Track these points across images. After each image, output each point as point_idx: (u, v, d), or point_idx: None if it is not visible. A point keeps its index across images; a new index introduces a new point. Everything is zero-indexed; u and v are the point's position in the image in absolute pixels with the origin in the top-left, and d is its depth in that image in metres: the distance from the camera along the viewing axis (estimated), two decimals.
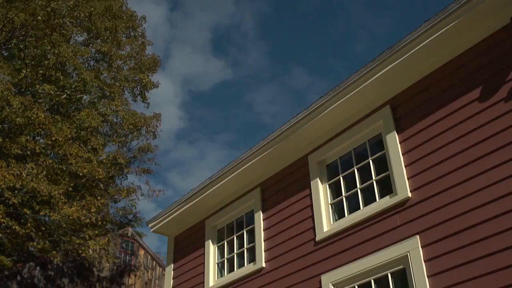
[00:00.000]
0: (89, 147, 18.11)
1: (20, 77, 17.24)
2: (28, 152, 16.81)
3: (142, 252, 23.19)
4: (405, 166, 6.33)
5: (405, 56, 6.37)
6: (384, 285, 6.10)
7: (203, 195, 9.03)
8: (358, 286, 6.38)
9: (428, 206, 5.88)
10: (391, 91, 6.80)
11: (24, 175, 15.40)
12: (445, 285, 5.38)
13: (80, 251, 17.76)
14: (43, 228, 18.43)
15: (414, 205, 6.04)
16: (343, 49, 63.57)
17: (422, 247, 5.75)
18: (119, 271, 22.09)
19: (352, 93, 6.91)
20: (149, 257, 23.34)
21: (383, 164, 6.74)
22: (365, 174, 6.98)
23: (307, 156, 7.78)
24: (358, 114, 7.16)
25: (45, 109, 17.49)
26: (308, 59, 63.97)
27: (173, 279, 9.81)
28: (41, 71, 17.99)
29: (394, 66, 6.50)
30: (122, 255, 22.40)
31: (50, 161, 16.76)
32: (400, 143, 6.50)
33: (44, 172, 16.12)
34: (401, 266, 5.94)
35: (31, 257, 20.81)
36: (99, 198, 17.93)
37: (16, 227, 16.08)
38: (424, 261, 5.67)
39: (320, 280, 6.76)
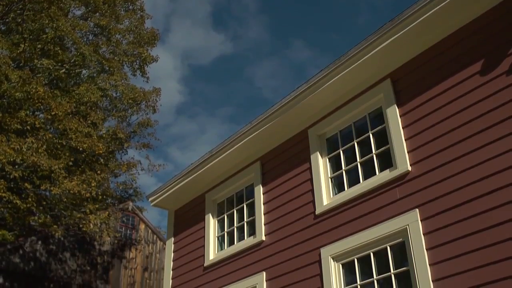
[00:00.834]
0: (89, 121, 18.07)
1: (18, 51, 17.11)
2: (28, 127, 16.79)
3: (142, 226, 23.34)
4: (405, 140, 6.31)
5: (406, 29, 6.31)
6: (383, 258, 6.14)
7: (203, 169, 9.04)
8: (357, 259, 6.42)
9: (428, 179, 5.89)
10: (391, 65, 6.75)
11: (25, 150, 15.41)
12: (444, 258, 5.41)
13: (81, 225, 17.87)
14: (44, 203, 18.52)
15: (414, 179, 6.04)
16: (344, 23, 63.10)
17: (421, 220, 5.77)
18: (120, 245, 22.26)
19: (353, 66, 6.87)
20: (149, 231, 23.50)
21: (383, 138, 6.73)
22: (365, 147, 6.97)
23: (307, 129, 7.76)
24: (359, 88, 7.12)
25: (44, 83, 17.40)
26: (309, 33, 63.54)
27: (173, 252, 9.88)
28: (39, 46, 17.85)
29: (395, 39, 6.44)
30: (123, 229, 22.55)
31: (50, 135, 16.75)
32: (400, 116, 6.48)
33: (44, 147, 16.13)
34: (400, 239, 5.97)
35: (32, 231, 20.97)
36: (99, 172, 17.96)
37: (17, 201, 16.16)
38: (423, 234, 5.70)
39: (320, 253, 6.80)
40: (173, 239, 10.03)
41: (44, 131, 16.93)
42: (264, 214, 8.02)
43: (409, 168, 6.10)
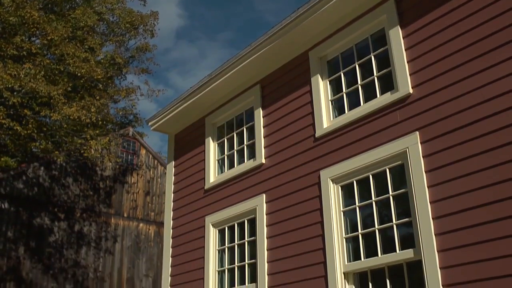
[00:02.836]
0: (86, 46, 17.84)
1: None
2: (24, 53, 16.60)
3: (143, 151, 23.52)
4: (407, 62, 6.20)
5: None
6: (382, 180, 6.18)
7: (203, 92, 8.96)
8: (356, 181, 6.47)
9: (429, 102, 5.83)
10: None
11: (22, 76, 15.31)
12: (443, 180, 5.44)
13: (82, 151, 18.01)
14: (45, 129, 18.60)
15: (415, 101, 5.98)
16: None
17: (421, 143, 5.76)
18: (122, 170, 22.52)
19: None
20: (150, 156, 23.70)
21: (385, 60, 6.61)
22: (366, 70, 6.86)
23: (307, 52, 7.62)
24: (361, 9, 6.92)
25: (38, 8, 17.02)
26: None
27: (174, 176, 9.97)
28: None
29: None
30: (124, 154, 22.74)
31: (48, 61, 16.58)
32: (403, 38, 6.33)
33: (42, 73, 16.01)
34: (400, 162, 5.99)
35: (34, 158, 21.16)
36: (98, 98, 17.92)
37: (18, 128, 16.22)
38: (423, 157, 5.70)
39: (319, 175, 6.85)
40: (173, 162, 10.10)
41: (41, 57, 16.75)
42: (264, 137, 8.02)
43: (411, 91, 6.03)
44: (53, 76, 17.25)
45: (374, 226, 6.12)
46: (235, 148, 8.75)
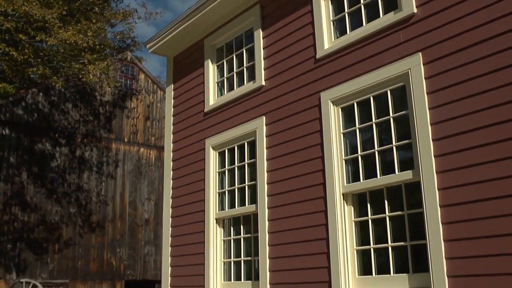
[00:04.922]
0: None
1: None
2: None
3: (142, 76, 23.35)
4: None
5: None
6: (383, 102, 6.13)
7: (201, 13, 8.74)
8: (357, 103, 6.42)
9: (433, 22, 5.67)
10: None
11: None
12: (444, 102, 5.38)
13: (80, 76, 17.88)
14: (41, 54, 18.37)
15: (419, 21, 5.82)
16: None
17: (424, 64, 5.66)
18: (121, 95, 22.45)
19: None
20: (149, 81, 23.56)
21: None
22: None
23: None
24: None
25: None
26: None
27: (173, 99, 9.92)
28: None
29: None
30: (123, 79, 22.59)
31: None
32: None
33: None
34: (401, 83, 5.91)
35: (33, 84, 21.04)
36: (94, 21, 17.57)
37: (14, 53, 16.02)
38: (425, 78, 5.62)
39: (320, 97, 6.79)
40: (172, 86, 10.02)
41: None
42: (263, 59, 7.89)
43: (415, 10, 5.86)
44: None
45: (374, 148, 6.12)
46: (234, 70, 8.64)
